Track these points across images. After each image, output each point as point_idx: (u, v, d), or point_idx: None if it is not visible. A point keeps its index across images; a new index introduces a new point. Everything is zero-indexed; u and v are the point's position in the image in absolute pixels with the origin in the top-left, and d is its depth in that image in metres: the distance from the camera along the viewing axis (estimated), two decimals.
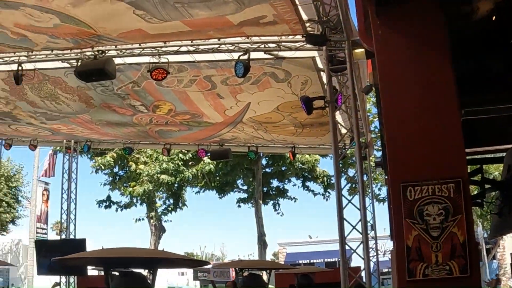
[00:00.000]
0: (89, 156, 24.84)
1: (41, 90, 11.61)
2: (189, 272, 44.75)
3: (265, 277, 9.77)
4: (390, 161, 4.52)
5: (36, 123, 14.35)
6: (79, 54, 9.72)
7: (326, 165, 29.44)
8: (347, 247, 7.83)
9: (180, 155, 24.82)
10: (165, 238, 32.20)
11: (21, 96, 12.01)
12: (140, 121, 13.66)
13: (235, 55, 9.12)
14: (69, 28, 8.65)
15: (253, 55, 8.93)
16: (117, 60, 9.58)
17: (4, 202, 32.25)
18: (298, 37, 8.72)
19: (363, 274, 8.56)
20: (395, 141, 4.56)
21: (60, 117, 13.64)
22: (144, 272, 4.65)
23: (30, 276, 33.27)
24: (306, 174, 27.43)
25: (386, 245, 25.97)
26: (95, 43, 9.36)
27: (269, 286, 9.65)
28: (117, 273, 4.39)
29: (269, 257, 40.23)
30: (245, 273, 8.42)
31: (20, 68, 9.97)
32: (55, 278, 16.16)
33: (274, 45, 9.01)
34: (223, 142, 15.74)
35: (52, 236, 29.42)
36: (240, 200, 28.38)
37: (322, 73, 9.78)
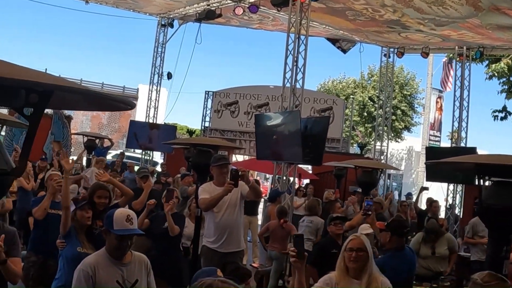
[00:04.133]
0: (483, 63, 23.75)
1: None
2: None
3: None
4: None
5: (425, 29, 14.53)
6: None
7: None
8: None
9: None
10: None
11: (408, 3, 12.17)
12: None
13: None
14: None
15: None
16: None
17: (399, 110, 33.52)
18: None
19: None
20: None
21: (448, 23, 13.52)
22: None
23: (419, 182, 34.48)
24: None
25: None
26: None
27: None
28: (490, 183, 4.04)
29: None
30: None
31: None
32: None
33: None
34: None
35: (445, 144, 29.48)
36: None
37: None
